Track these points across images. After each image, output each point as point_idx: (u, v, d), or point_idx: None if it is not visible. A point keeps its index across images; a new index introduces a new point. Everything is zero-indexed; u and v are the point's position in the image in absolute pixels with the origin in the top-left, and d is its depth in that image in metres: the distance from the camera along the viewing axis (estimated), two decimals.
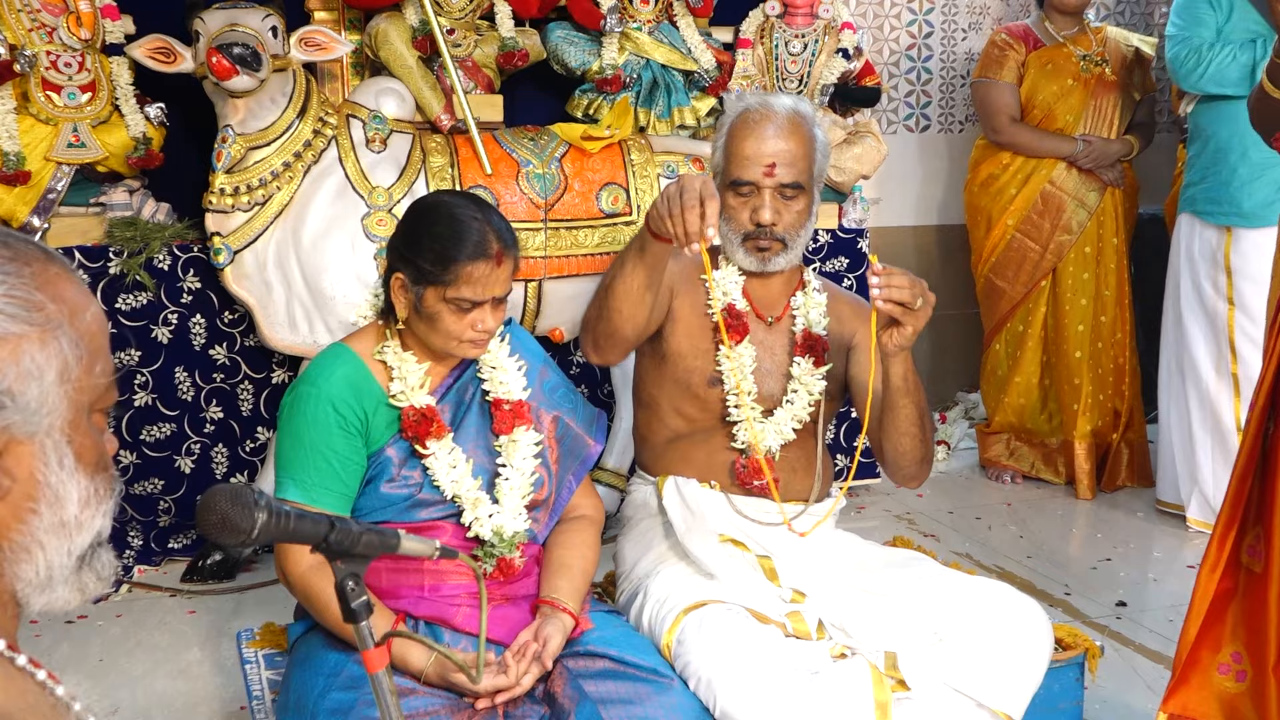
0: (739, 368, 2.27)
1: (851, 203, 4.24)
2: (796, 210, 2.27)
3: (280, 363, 3.69)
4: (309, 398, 1.96)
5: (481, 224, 1.93)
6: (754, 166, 2.25)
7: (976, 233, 4.54)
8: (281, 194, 3.39)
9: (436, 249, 1.92)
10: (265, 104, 3.35)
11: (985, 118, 4.46)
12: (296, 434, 1.95)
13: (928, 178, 5.28)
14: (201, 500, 1.20)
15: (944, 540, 3.87)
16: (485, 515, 2.02)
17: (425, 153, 3.56)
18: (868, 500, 4.32)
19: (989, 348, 4.59)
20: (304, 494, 1.92)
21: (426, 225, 1.95)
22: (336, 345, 2.06)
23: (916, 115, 5.23)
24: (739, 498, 2.29)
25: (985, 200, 4.47)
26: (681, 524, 2.26)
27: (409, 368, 2.01)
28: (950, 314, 5.28)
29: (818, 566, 2.26)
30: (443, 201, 1.99)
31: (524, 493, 2.06)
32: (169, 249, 3.52)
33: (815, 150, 2.29)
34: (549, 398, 2.16)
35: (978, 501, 4.34)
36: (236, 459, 3.71)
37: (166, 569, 3.57)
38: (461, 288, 1.92)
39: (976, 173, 4.51)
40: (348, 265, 3.40)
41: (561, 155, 3.67)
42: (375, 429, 2.00)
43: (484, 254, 1.92)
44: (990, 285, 4.52)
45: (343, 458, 1.95)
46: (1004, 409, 4.54)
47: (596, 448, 2.20)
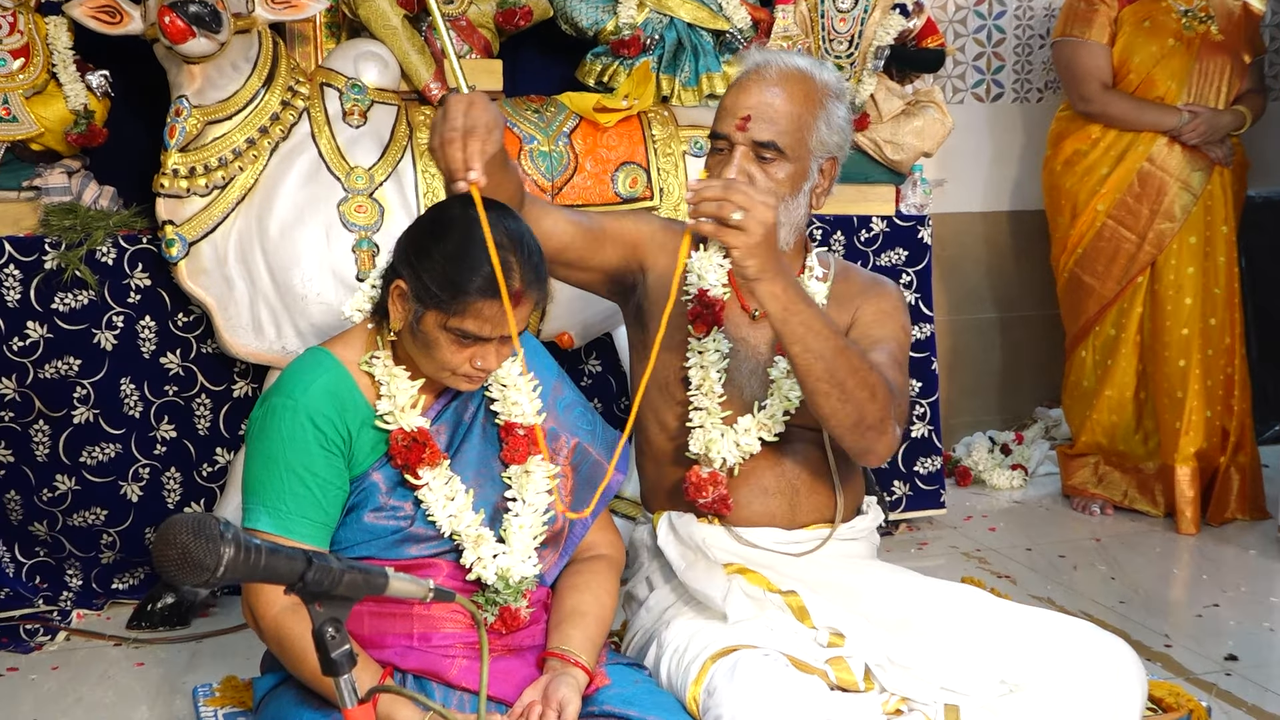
0: (703, 363, 2.29)
1: (911, 185, 4.25)
2: (777, 178, 2.24)
3: (243, 373, 3.70)
4: (284, 411, 1.95)
5: (505, 253, 1.88)
6: (728, 117, 2.26)
7: (1059, 219, 4.53)
8: (244, 176, 3.41)
9: (446, 271, 1.89)
10: (226, 71, 3.37)
11: (1071, 84, 4.45)
12: (269, 453, 1.94)
13: (1000, 155, 5.28)
14: (159, 533, 1.21)
15: (1021, 582, 3.86)
16: (489, 555, 2.01)
17: (412, 127, 3.58)
18: (931, 535, 4.31)
19: (1073, 355, 4.58)
20: (277, 523, 1.92)
21: (441, 239, 1.91)
22: (317, 351, 2.06)
23: (987, 82, 5.23)
24: (746, 530, 2.30)
25: (1070, 181, 4.46)
26: (680, 562, 2.27)
27: (400, 385, 2.01)
28: (1026, 315, 5.29)
29: (856, 602, 2.25)
30: (469, 216, 1.89)
31: (535, 532, 2.06)
32: (114, 240, 3.54)
33: (817, 118, 2.26)
34: (564, 419, 2.16)
35: (1060, 537, 4.33)
36: (192, 485, 3.73)
37: (110, 614, 3.58)
38: (466, 321, 1.90)
39: (1059, 149, 4.51)
40: (321, 259, 3.41)
41: (571, 130, 3.69)
42: (359, 450, 2.00)
43: (499, 294, 1.87)
44: (1076, 282, 4.51)
45: (322, 481, 1.95)
46: (1091, 427, 4.53)
47: (616, 478, 2.19)
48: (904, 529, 4.35)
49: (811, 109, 2.26)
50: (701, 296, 2.32)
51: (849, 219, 4.15)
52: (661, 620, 2.29)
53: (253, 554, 1.24)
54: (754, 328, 2.36)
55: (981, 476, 4.94)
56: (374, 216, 3.45)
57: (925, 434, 4.30)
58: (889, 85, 4.19)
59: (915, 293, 4.22)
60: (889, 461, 4.18)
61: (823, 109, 2.27)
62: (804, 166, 2.27)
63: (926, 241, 4.22)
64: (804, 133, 2.25)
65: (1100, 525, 4.45)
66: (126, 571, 3.67)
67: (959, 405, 5.31)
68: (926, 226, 4.22)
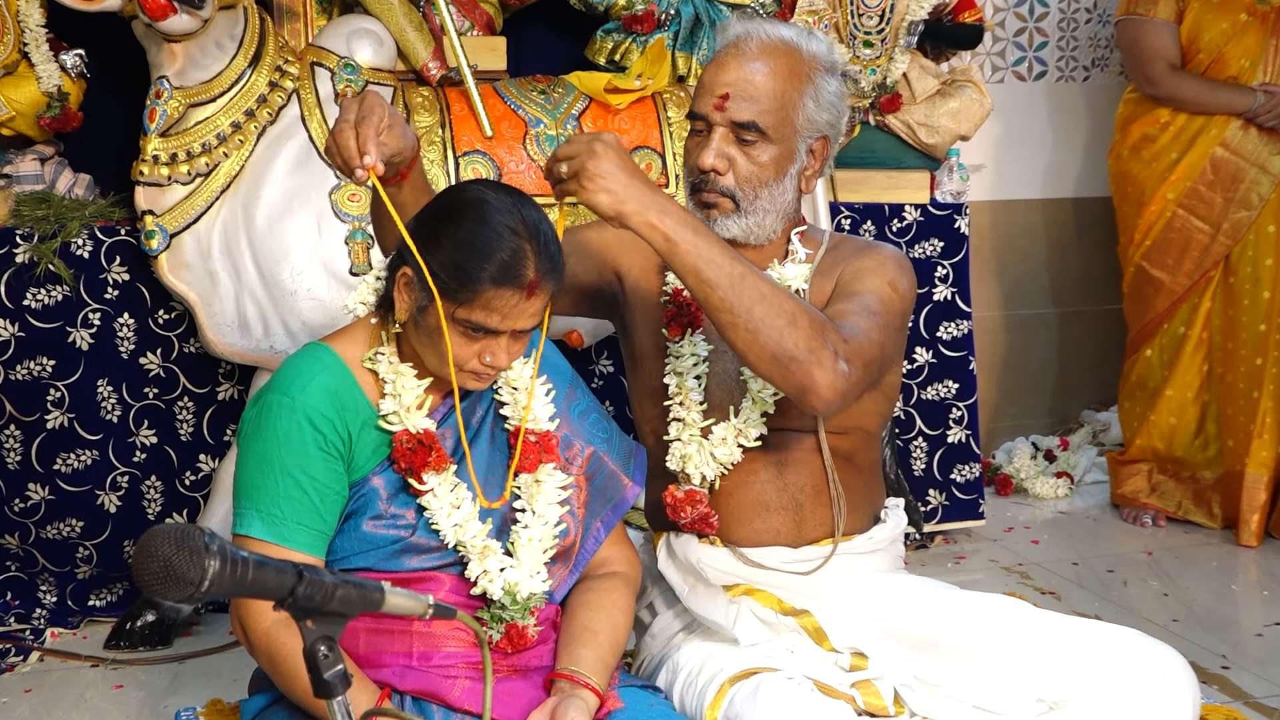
0: (678, 369, 2.29)
1: (947, 171, 4.25)
2: (759, 161, 2.22)
3: (228, 374, 3.72)
4: (280, 409, 1.95)
5: (521, 241, 1.89)
6: (706, 95, 2.23)
7: (1126, 209, 4.52)
8: (230, 162, 3.43)
9: (456, 257, 1.88)
10: (209, 50, 3.38)
11: (1136, 65, 4.44)
12: (263, 455, 1.94)
13: (1043, 138, 5.27)
14: (139, 545, 1.21)
15: (1066, 598, 3.86)
16: (496, 569, 2.01)
17: (410, 109, 3.59)
18: (969, 548, 4.31)
19: (1136, 354, 4.55)
20: (271, 530, 1.92)
21: (452, 223, 1.91)
22: (315, 346, 2.05)
23: (1029, 59, 5.23)
24: (751, 550, 2.30)
25: (1138, 168, 4.44)
26: (682, 586, 2.27)
27: (405, 383, 2.01)
28: (1075, 311, 5.28)
29: (878, 618, 2.24)
30: (484, 200, 1.92)
31: (546, 545, 2.06)
32: (90, 231, 3.56)
33: (803, 94, 2.23)
34: (579, 425, 2.16)
35: (1109, 550, 4.33)
36: (173, 494, 3.74)
37: (86, 633, 3.60)
38: (475, 311, 1.90)
39: (1126, 133, 4.49)
40: (312, 251, 3.43)
41: (580, 112, 3.70)
42: (360, 453, 2.00)
43: (513, 280, 1.88)
44: (1143, 276, 4.49)
45: (320, 486, 1.95)
46: (1148, 430, 4.52)
47: (633, 490, 2.19)
48: (940, 541, 4.35)
49: (797, 84, 2.22)
50: (676, 296, 2.30)
51: (880, 208, 4.15)
52: (671, 644, 2.29)
53: (239, 567, 1.24)
54: None
55: (1024, 485, 4.93)
56: (368, 206, 3.46)
57: (962, 439, 4.30)
58: (923, 63, 4.19)
59: (951, 287, 4.22)
60: (925, 468, 4.19)
61: (810, 84, 2.23)
62: (789, 148, 2.24)
63: (964, 232, 4.21)
64: (788, 111, 2.21)
65: (1152, 537, 4.44)
66: (104, 587, 3.68)
67: (999, 408, 5.31)
68: (964, 216, 4.22)
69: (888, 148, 4.20)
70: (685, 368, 2.28)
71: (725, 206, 2.22)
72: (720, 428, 2.26)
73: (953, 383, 4.26)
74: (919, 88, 4.15)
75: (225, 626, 3.60)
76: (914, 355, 4.21)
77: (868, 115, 4.17)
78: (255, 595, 1.27)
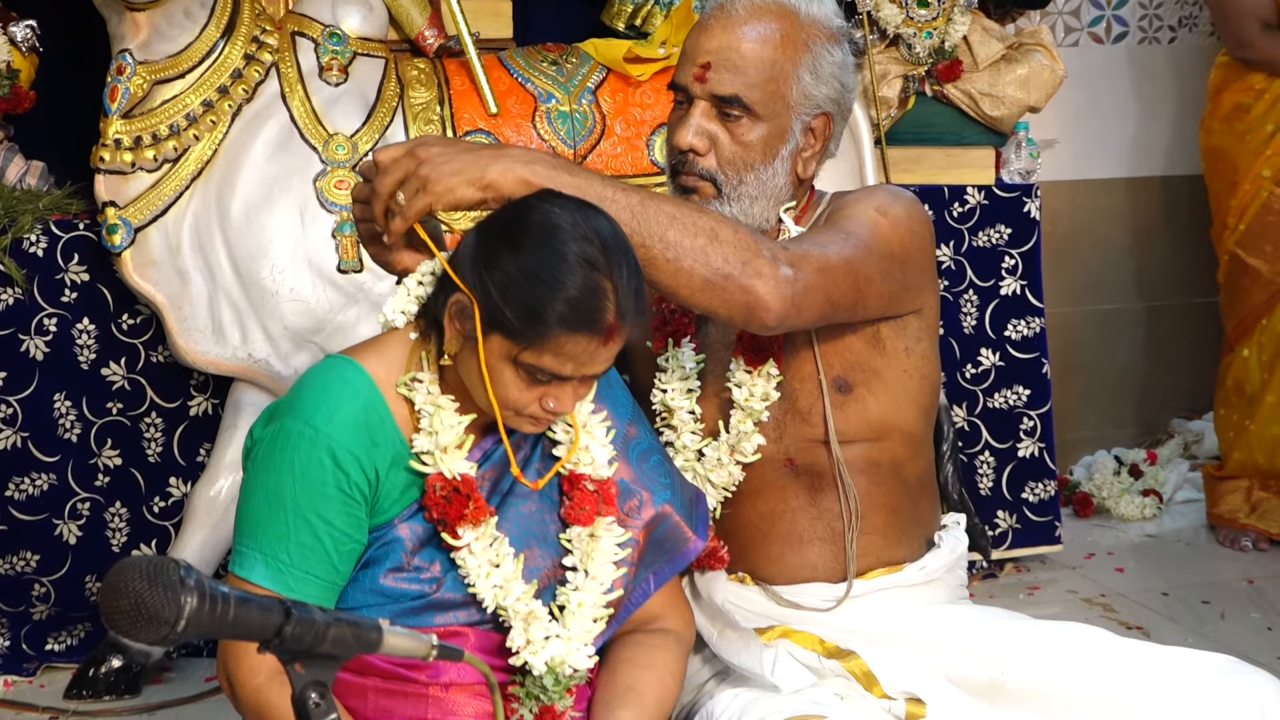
0: (664, 384, 2.29)
1: (1015, 147, 4.24)
2: (744, 140, 2.19)
3: (201, 386, 3.73)
4: (299, 439, 1.89)
5: (598, 276, 1.81)
6: (687, 64, 2.21)
7: (1218, 187, 4.52)
8: (201, 146, 3.44)
9: (526, 295, 1.80)
10: (177, 19, 3.40)
11: (1225, 25, 4.44)
12: (274, 490, 1.89)
13: (1125, 109, 5.26)
14: (107, 579, 1.21)
15: (1155, 634, 3.85)
16: (540, 639, 1.96)
17: (403, 84, 3.60)
18: (1044, 577, 4.30)
19: (1232, 354, 4.54)
20: (275, 577, 1.88)
21: (522, 250, 1.83)
22: (344, 364, 1.97)
23: (1107, 19, 5.22)
24: (784, 588, 2.29)
25: (1229, 141, 4.44)
26: (710, 630, 2.25)
27: (445, 420, 1.94)
28: (1163, 305, 5.27)
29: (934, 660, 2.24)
30: (559, 225, 1.83)
31: (597, 614, 2.01)
32: (44, 226, 3.58)
33: (798, 65, 2.20)
34: (640, 470, 2.10)
35: (1204, 578, 4.31)
36: (140, 523, 3.75)
37: (45, 680, 3.61)
38: (545, 357, 1.83)
39: (1218, 103, 4.49)
40: (295, 246, 3.44)
41: (596, 86, 3.71)
42: (386, 495, 1.95)
43: (588, 324, 1.81)
44: (1238, 264, 4.48)
45: (338, 533, 1.90)
46: (1247, 442, 4.50)
47: (696, 545, 2.15)
48: (1010, 570, 4.34)
49: (791, 53, 2.19)
50: (657, 303, 2.30)
51: (938, 190, 4.15)
52: (703, 692, 2.27)
53: (219, 604, 1.24)
54: (725, 331, 2.32)
55: (1106, 505, 4.92)
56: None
57: (1035, 453, 4.29)
58: (986, 25, 4.19)
59: (1020, 279, 4.21)
60: (993, 486, 4.18)
61: (807, 52, 2.20)
62: (781, 125, 2.21)
63: (1034, 216, 4.21)
64: (779, 84, 2.18)
65: (1254, 563, 4.43)
66: (63, 629, 3.69)
67: (1077, 417, 5.30)
68: (1034, 198, 4.21)
69: (947, 121, 4.20)
70: (672, 383, 2.28)
71: (706, 191, 2.20)
72: (711, 448, 2.26)
73: (1023, 389, 4.25)
74: (981, 53, 4.15)
75: (200, 672, 3.61)
76: (979, 357, 4.21)
77: (924, 85, 4.17)
78: (237, 636, 1.27)
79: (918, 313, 2.28)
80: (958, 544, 2.39)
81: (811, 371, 2.25)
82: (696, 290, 1.97)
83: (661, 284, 1.97)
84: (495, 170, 1.90)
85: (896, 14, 4.04)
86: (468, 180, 1.89)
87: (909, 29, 4.06)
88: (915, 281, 2.24)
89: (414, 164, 1.89)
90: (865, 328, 2.24)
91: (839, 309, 2.08)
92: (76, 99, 3.74)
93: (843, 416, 2.25)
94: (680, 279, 1.97)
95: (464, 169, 1.89)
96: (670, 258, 1.96)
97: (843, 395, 2.25)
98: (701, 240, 1.97)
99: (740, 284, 1.97)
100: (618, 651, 2.09)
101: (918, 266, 2.24)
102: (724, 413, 2.27)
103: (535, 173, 1.91)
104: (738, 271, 1.97)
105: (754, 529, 2.29)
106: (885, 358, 2.27)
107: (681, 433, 2.27)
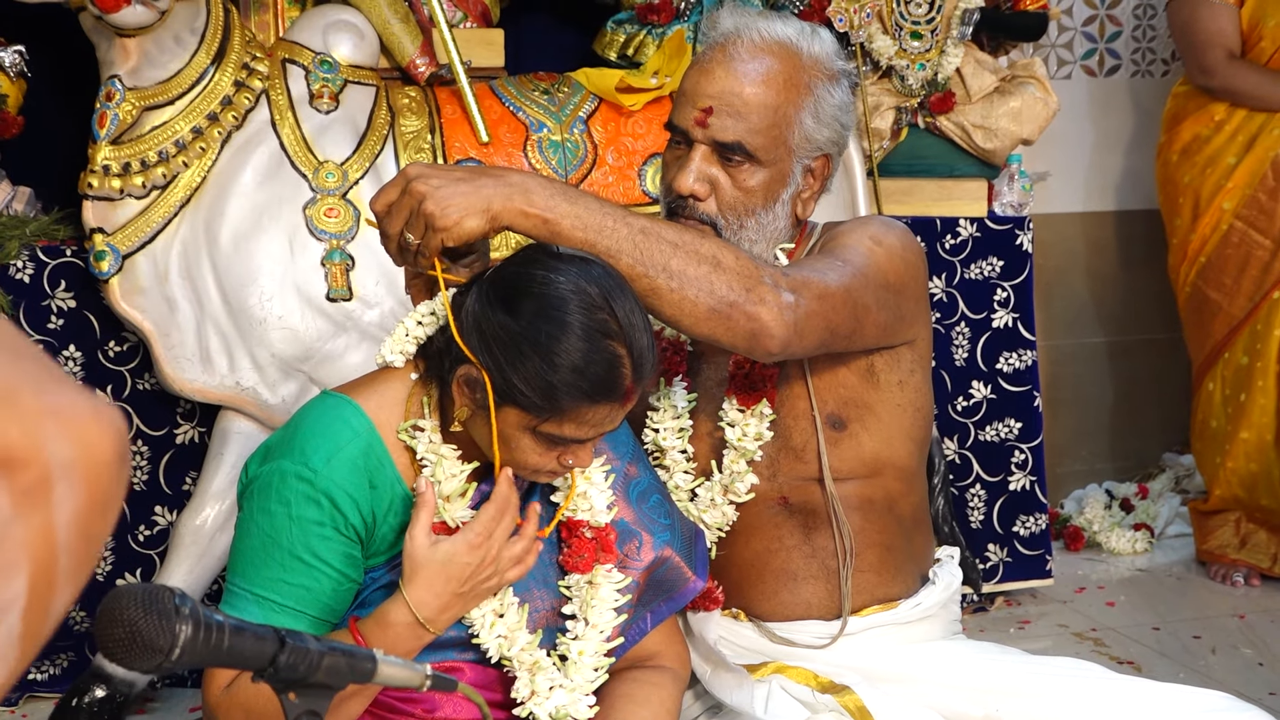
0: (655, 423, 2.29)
1: (1007, 179, 4.27)
2: (745, 186, 2.20)
3: (187, 414, 3.74)
4: (297, 483, 1.89)
5: (616, 346, 1.83)
6: (687, 107, 2.20)
7: (1177, 221, 4.54)
8: (190, 173, 3.45)
9: (543, 375, 1.81)
10: (167, 45, 3.40)
11: (1190, 52, 4.47)
12: (269, 531, 1.89)
13: (1116, 142, 5.30)
14: (102, 607, 1.23)
15: (1147, 669, 3.85)
16: (545, 688, 1.97)
17: (394, 112, 3.62)
18: (1034, 611, 4.31)
19: (1200, 388, 4.57)
20: (265, 617, 1.88)
21: (532, 327, 1.82)
22: (342, 404, 1.97)
23: (1100, 52, 5.26)
24: (778, 625, 2.30)
25: (1188, 174, 4.47)
26: (704, 666, 2.27)
27: (447, 469, 1.94)
28: (1153, 339, 5.29)
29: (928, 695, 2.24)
30: (564, 296, 1.83)
31: (599, 663, 2.02)
32: (31, 252, 3.59)
33: (800, 109, 2.20)
34: (639, 511, 2.11)
35: (1194, 613, 4.33)
36: (125, 551, 3.75)
37: (27, 710, 3.61)
38: (565, 425, 1.85)
39: (1176, 133, 4.52)
40: (284, 274, 3.45)
41: (588, 115, 3.73)
42: (382, 537, 1.96)
43: (610, 394, 1.84)
44: (1199, 298, 4.50)
45: (334, 576, 1.90)
46: (1226, 478, 4.52)
47: (695, 585, 2.16)
48: (1001, 603, 4.35)
49: (793, 97, 2.20)
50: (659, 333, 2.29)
51: (930, 222, 4.17)
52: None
53: (214, 633, 1.25)
54: (717, 368, 2.34)
55: (1097, 539, 4.93)
56: (348, 222, 3.49)
57: (1026, 486, 4.31)
58: (979, 57, 4.21)
59: (1013, 312, 4.24)
60: (984, 519, 4.20)
61: (809, 95, 2.21)
62: (782, 170, 2.22)
63: (1027, 249, 4.23)
64: (781, 129, 2.19)
65: (1245, 598, 4.44)
66: (46, 659, 3.69)
67: (1068, 450, 5.32)
68: (1026, 230, 4.24)
69: (939, 153, 4.22)
70: (663, 422, 2.29)
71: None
72: (704, 488, 2.27)
73: (1015, 422, 4.27)
74: (974, 85, 4.17)
75: (184, 702, 3.61)
76: (970, 390, 4.23)
77: (916, 117, 4.19)
78: (231, 664, 1.29)
79: (911, 344, 2.30)
80: (952, 579, 2.41)
81: (805, 409, 2.26)
82: (700, 319, 1.98)
83: (664, 314, 1.98)
84: (496, 204, 1.91)
85: (889, 45, 4.06)
86: (475, 212, 1.90)
87: (902, 60, 4.09)
88: (909, 311, 2.26)
89: (414, 201, 1.90)
90: (859, 361, 2.26)
91: (838, 336, 2.10)
92: (65, 125, 3.76)
93: (837, 454, 2.25)
94: (684, 308, 1.97)
95: (467, 202, 1.90)
96: (674, 287, 1.96)
97: (837, 432, 2.26)
98: (705, 268, 1.97)
99: (745, 311, 1.98)
100: (615, 687, 2.10)
101: (912, 296, 2.26)
102: (717, 452, 2.28)
103: (533, 203, 1.93)
104: (742, 299, 1.98)
105: (748, 567, 2.30)
106: (879, 392, 2.28)
107: (674, 472, 2.27)
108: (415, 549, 1.84)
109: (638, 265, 1.94)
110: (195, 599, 1.44)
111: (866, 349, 2.24)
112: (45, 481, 0.91)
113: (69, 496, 0.93)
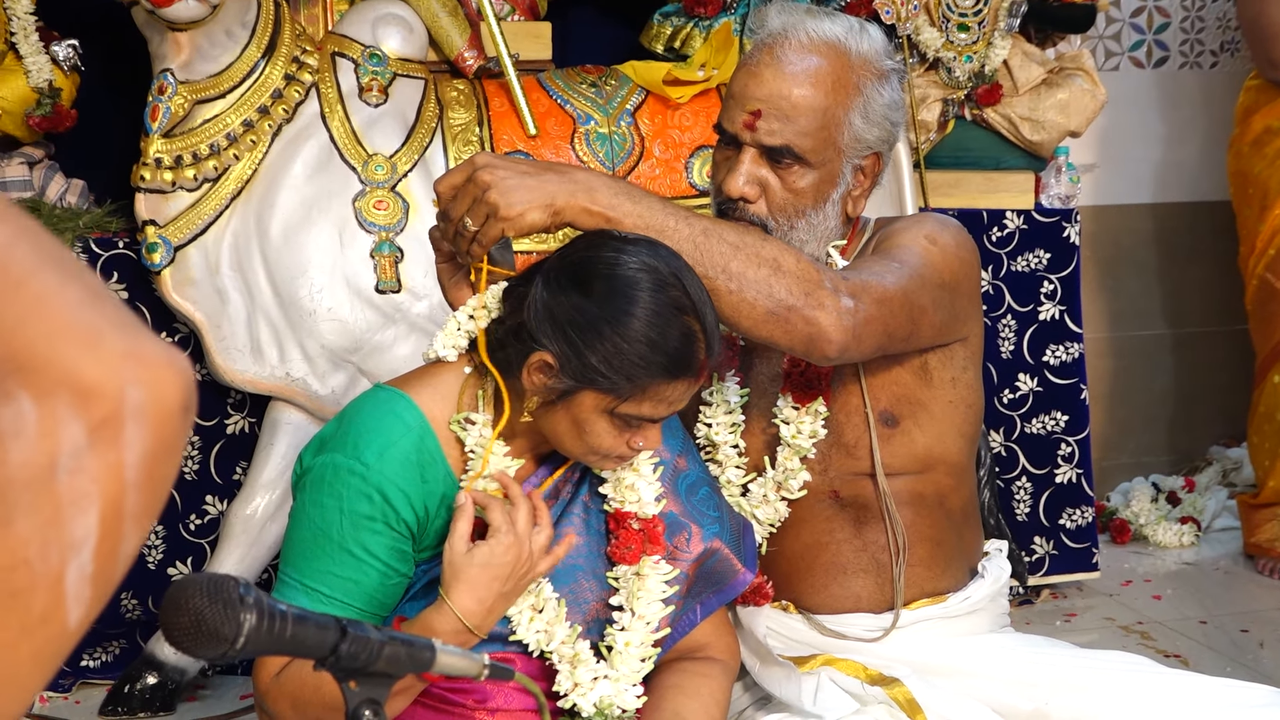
0: (708, 418, 2.30)
1: (1055, 172, 4.26)
2: (795, 188, 2.19)
3: (238, 404, 3.77)
4: (349, 477, 1.90)
5: (690, 321, 1.86)
6: (736, 110, 2.20)
7: (1247, 212, 4.53)
8: (241, 166, 3.48)
9: (624, 355, 1.83)
10: (218, 39, 3.43)
11: (1258, 45, 4.44)
12: (320, 524, 1.90)
13: (1166, 134, 5.27)
14: (168, 596, 1.24)
15: (1194, 662, 3.85)
16: (588, 680, 1.98)
17: (442, 105, 3.64)
18: (1080, 604, 4.31)
19: (1264, 381, 4.54)
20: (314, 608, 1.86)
21: (615, 313, 1.84)
22: (395, 397, 1.98)
23: (1148, 43, 5.23)
24: (828, 618, 2.31)
25: (1260, 165, 4.44)
26: (753, 660, 2.28)
27: (496, 464, 1.95)
28: (1203, 332, 5.27)
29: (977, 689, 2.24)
30: (637, 277, 1.86)
31: (645, 654, 2.02)
32: (84, 244, 3.62)
33: (850, 110, 2.19)
34: (689, 504, 2.12)
35: (1243, 607, 4.32)
36: (177, 540, 3.78)
37: (80, 696, 3.65)
38: (644, 405, 1.88)
39: (1247, 125, 4.50)
40: (333, 266, 3.47)
41: (635, 108, 3.74)
42: (432, 532, 1.97)
43: (687, 370, 1.87)
44: (1266, 289, 4.48)
45: (384, 570, 1.91)
46: None
47: (745, 577, 2.16)
48: (1047, 596, 4.35)
49: (843, 98, 2.18)
50: None
51: (977, 214, 4.16)
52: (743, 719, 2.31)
53: (277, 622, 1.27)
54: (770, 365, 2.35)
55: (1143, 532, 4.92)
56: (397, 214, 3.51)
57: (1072, 479, 4.30)
58: (1026, 49, 4.20)
59: (1060, 305, 4.23)
60: (1030, 512, 4.20)
61: (859, 95, 2.20)
62: (832, 171, 2.21)
63: (1074, 241, 4.22)
64: (830, 131, 2.18)
65: None
66: (99, 646, 3.73)
67: (1115, 444, 5.30)
68: (1074, 223, 4.23)
69: (986, 146, 4.21)
70: (717, 419, 2.29)
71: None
72: (757, 484, 2.27)
73: (1062, 415, 4.26)
74: (1022, 77, 4.17)
75: (235, 689, 3.65)
76: (1017, 383, 4.22)
77: (963, 109, 4.19)
78: (294, 653, 1.30)
79: (964, 341, 2.30)
80: (1001, 573, 2.42)
81: (858, 405, 2.27)
82: (759, 321, 1.99)
83: (723, 315, 1.98)
84: (561, 200, 1.93)
85: (936, 38, 4.06)
86: (538, 206, 1.92)
87: (949, 53, 4.08)
88: (964, 310, 2.26)
89: (479, 190, 1.92)
90: (913, 359, 2.26)
91: (895, 340, 2.11)
92: (117, 118, 3.78)
93: (889, 450, 2.26)
94: (743, 310, 1.98)
95: (532, 195, 1.92)
96: (733, 289, 1.97)
97: (889, 429, 2.27)
98: (765, 271, 1.98)
99: (804, 315, 1.99)
100: (664, 678, 2.11)
101: (966, 294, 2.26)
102: (769, 448, 2.29)
103: (596, 201, 1.95)
104: (801, 303, 1.98)
105: (798, 560, 2.31)
106: (932, 390, 2.29)
107: (726, 468, 2.28)
108: (454, 556, 1.86)
109: (698, 266, 1.95)
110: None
111: (921, 349, 2.25)
112: (118, 419, 0.93)
113: (138, 438, 0.95)
